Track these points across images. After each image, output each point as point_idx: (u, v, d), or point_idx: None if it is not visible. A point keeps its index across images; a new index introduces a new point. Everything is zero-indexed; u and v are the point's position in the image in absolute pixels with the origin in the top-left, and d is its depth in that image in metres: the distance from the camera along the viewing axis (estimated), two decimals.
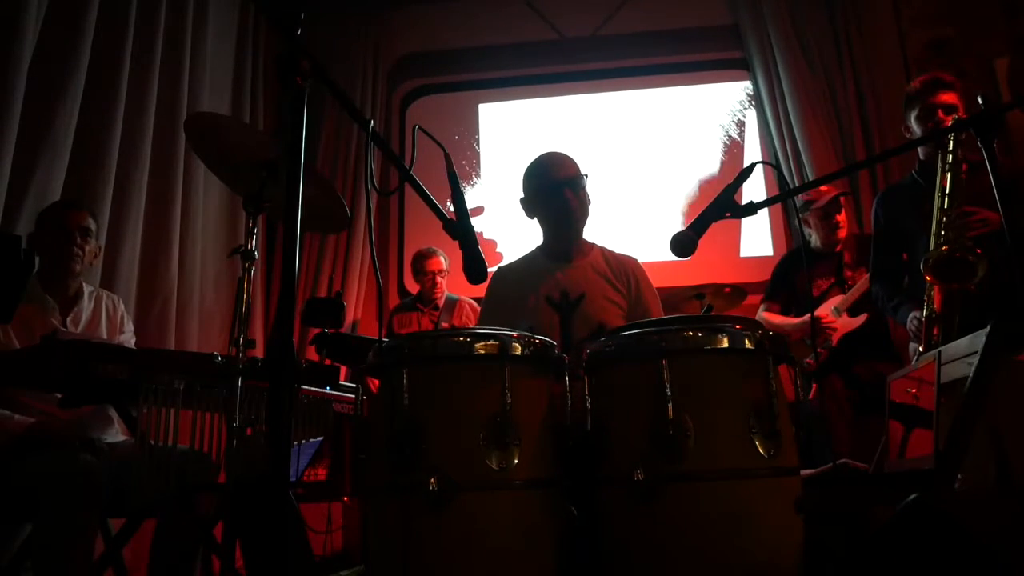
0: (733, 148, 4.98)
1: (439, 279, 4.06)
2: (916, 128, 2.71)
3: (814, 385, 3.24)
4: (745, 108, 5.00)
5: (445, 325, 3.95)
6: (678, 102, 5.09)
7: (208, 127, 2.01)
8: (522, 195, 2.32)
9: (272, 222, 4.55)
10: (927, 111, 2.65)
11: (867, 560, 1.52)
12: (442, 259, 4.10)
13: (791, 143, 4.54)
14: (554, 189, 2.22)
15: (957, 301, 2.31)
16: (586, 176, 2.28)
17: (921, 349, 2.42)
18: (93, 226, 2.42)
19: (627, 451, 1.41)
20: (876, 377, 3.00)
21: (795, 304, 3.39)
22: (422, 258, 4.11)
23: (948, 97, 2.62)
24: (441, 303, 4.10)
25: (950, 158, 2.38)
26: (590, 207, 2.31)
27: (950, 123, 2.52)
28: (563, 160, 2.28)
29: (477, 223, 4.14)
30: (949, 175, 2.37)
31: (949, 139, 2.39)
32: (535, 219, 2.33)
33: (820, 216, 3.29)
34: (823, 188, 3.28)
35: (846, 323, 3.21)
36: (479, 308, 3.98)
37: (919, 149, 2.81)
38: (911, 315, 2.53)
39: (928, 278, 2.32)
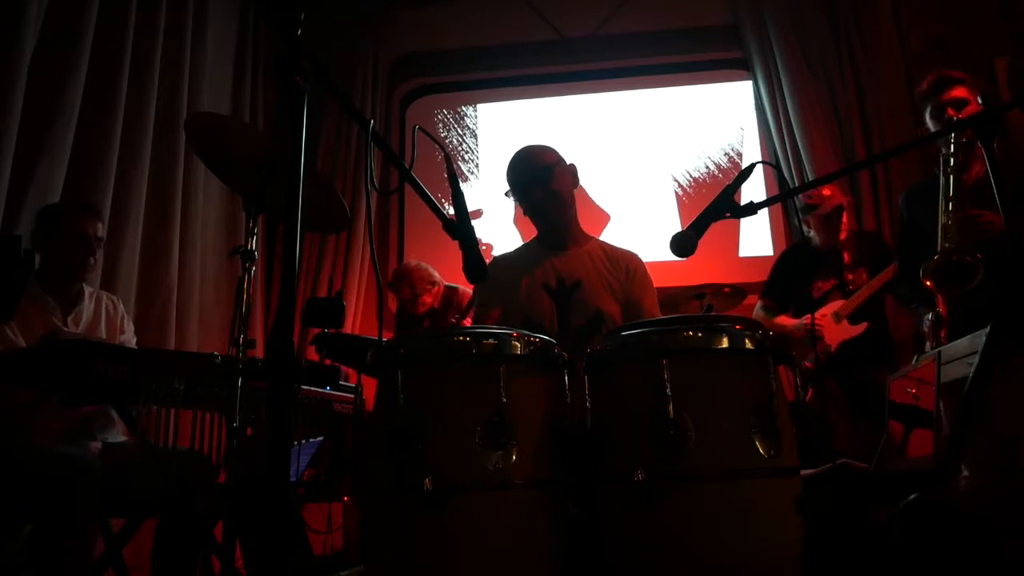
0: (733, 148, 4.98)
1: (418, 307, 3.96)
2: (932, 127, 2.67)
3: (811, 389, 3.23)
4: (745, 108, 4.99)
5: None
6: (678, 102, 5.09)
7: (208, 127, 2.01)
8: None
9: (272, 222, 4.55)
10: (938, 109, 2.63)
11: (867, 560, 1.52)
12: (425, 282, 3.96)
13: (791, 143, 4.54)
14: (523, 189, 2.27)
15: (962, 303, 2.32)
16: (557, 165, 2.27)
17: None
18: (103, 233, 2.44)
19: (627, 451, 1.41)
20: (874, 384, 3.00)
21: (793, 302, 3.38)
22: (399, 285, 3.98)
23: (958, 92, 2.59)
24: (439, 304, 4.05)
25: (951, 161, 2.38)
26: (569, 191, 2.30)
27: (952, 121, 2.52)
28: (531, 156, 2.30)
29: (475, 226, 4.10)
30: (952, 178, 2.37)
31: (950, 141, 2.39)
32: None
33: (821, 221, 3.28)
34: (826, 192, 3.25)
35: (846, 330, 3.19)
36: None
37: (940, 146, 2.80)
38: (926, 315, 2.55)
39: (928, 284, 2.33)
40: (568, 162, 2.33)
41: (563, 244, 2.30)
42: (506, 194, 2.32)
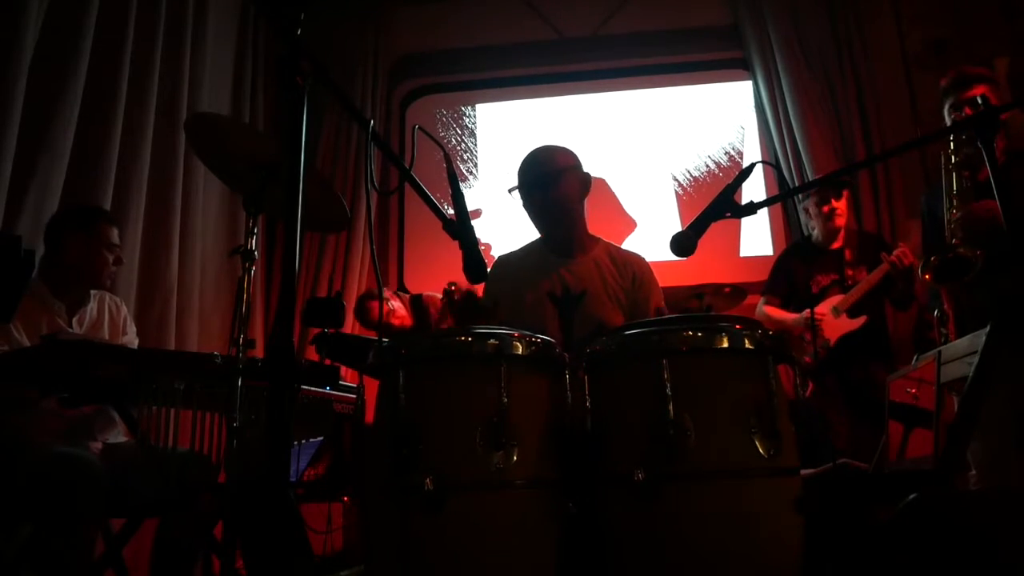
0: (733, 148, 4.98)
1: (393, 320, 3.83)
2: (949, 123, 2.66)
3: (811, 384, 3.24)
4: (745, 108, 4.99)
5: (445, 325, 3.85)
6: (678, 102, 5.09)
7: (208, 127, 2.01)
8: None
9: (272, 222, 4.55)
10: (956, 108, 2.63)
11: (867, 560, 1.52)
12: (386, 302, 3.84)
13: (791, 143, 4.54)
14: (525, 189, 2.21)
15: (967, 299, 2.35)
16: (566, 170, 2.20)
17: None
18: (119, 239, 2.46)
19: (627, 451, 1.41)
20: (872, 380, 3.01)
21: (795, 298, 3.39)
22: (366, 312, 3.87)
23: (978, 90, 2.58)
24: (409, 319, 3.97)
25: (953, 159, 2.40)
26: (576, 200, 2.23)
27: (955, 120, 2.54)
28: (541, 157, 2.24)
29: (475, 226, 4.06)
30: (954, 175, 2.39)
31: (950, 140, 2.41)
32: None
33: (817, 202, 3.30)
34: None
35: (844, 324, 3.21)
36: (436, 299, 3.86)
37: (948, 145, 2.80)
38: (935, 311, 2.57)
39: (927, 277, 2.36)
40: (584, 170, 2.27)
41: (568, 251, 2.25)
42: (510, 191, 2.26)
